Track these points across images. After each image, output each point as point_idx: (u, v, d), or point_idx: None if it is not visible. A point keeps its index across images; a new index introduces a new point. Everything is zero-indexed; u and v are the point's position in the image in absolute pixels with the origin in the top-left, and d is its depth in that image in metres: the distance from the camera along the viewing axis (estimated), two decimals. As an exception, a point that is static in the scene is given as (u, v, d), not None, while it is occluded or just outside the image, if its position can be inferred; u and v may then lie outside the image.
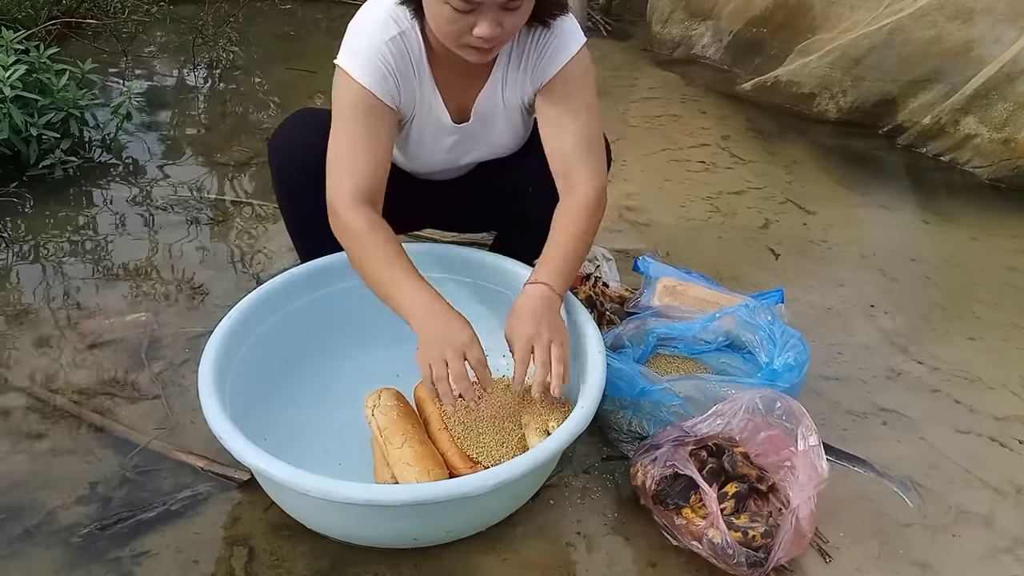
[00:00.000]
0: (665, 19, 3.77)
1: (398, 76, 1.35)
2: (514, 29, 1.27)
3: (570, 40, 1.39)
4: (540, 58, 1.40)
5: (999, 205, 2.62)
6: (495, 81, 1.44)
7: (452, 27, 1.23)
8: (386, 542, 1.27)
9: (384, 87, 1.34)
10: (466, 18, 1.21)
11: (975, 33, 2.78)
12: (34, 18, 3.01)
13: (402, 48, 1.34)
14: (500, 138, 1.52)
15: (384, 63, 1.33)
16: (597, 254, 2.06)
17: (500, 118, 1.48)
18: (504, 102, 1.46)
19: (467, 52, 1.28)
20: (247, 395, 1.35)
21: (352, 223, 1.32)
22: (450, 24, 1.23)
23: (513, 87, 1.45)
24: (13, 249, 2.01)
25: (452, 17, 1.21)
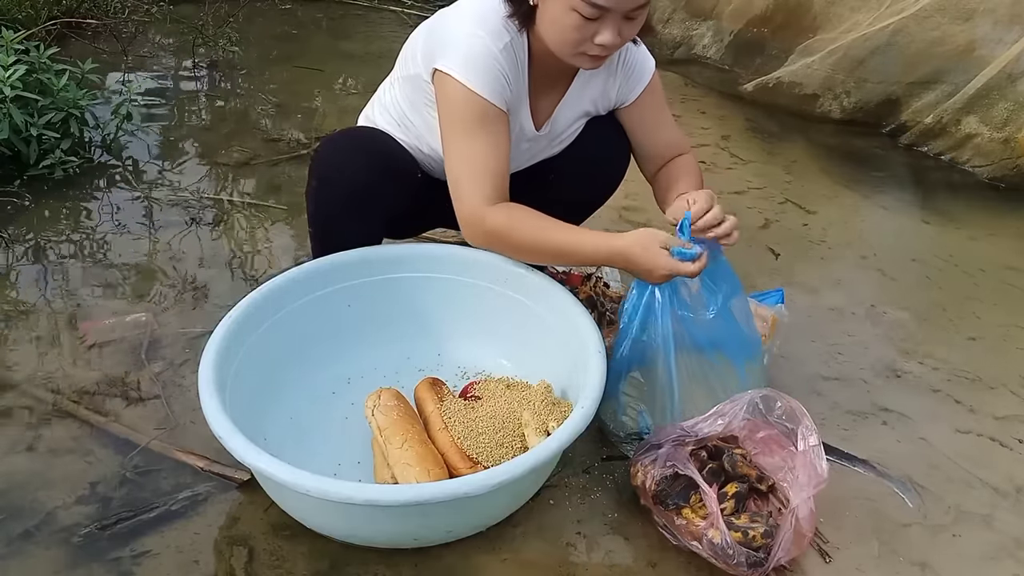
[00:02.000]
0: (666, 19, 3.77)
1: (511, 82, 1.38)
2: (630, 38, 1.33)
3: (648, 60, 1.56)
4: (630, 73, 1.52)
5: (999, 205, 2.62)
6: (577, 89, 1.50)
7: (576, 35, 1.27)
8: (386, 542, 1.27)
9: (502, 95, 1.37)
10: (591, 25, 1.26)
11: (977, 33, 2.79)
12: (34, 18, 3.01)
13: (512, 56, 1.37)
14: (555, 148, 1.60)
15: (501, 71, 1.35)
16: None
17: (569, 126, 1.56)
18: (576, 114, 1.54)
19: (581, 60, 1.33)
20: (247, 395, 1.35)
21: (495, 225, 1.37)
22: (575, 32, 1.27)
23: (593, 94, 1.52)
24: (13, 249, 2.01)
25: (579, 25, 1.26)
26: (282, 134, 2.69)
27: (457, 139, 1.37)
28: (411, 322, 1.60)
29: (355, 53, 3.46)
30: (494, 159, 1.37)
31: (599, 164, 1.62)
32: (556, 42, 1.31)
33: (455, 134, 1.37)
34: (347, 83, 3.20)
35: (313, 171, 1.53)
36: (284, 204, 2.28)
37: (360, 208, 1.48)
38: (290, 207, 2.25)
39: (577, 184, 1.63)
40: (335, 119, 2.80)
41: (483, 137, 1.36)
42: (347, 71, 3.27)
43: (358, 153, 1.48)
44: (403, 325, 1.60)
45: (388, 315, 1.51)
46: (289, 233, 2.15)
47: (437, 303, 1.60)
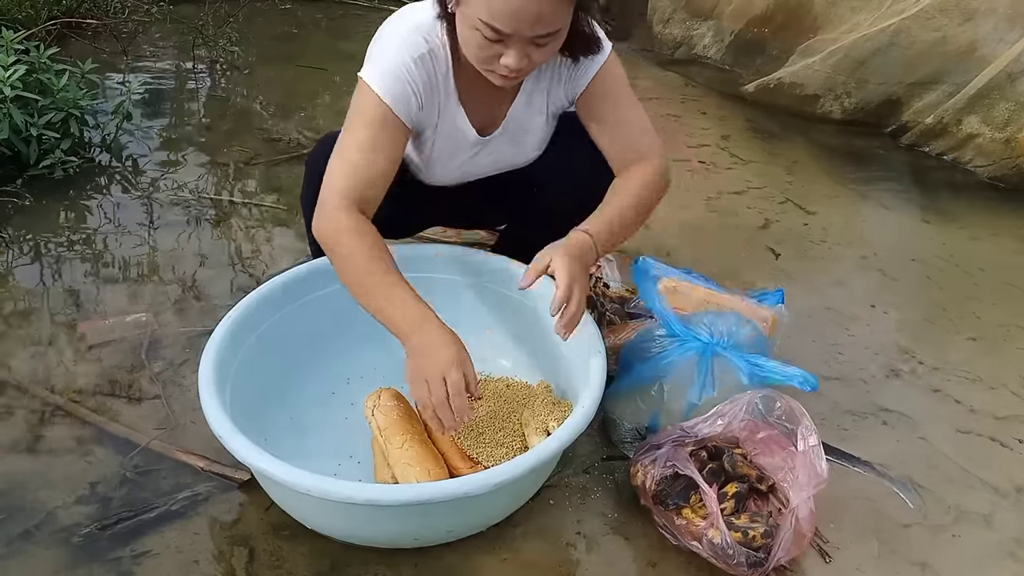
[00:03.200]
0: (666, 19, 3.77)
1: (422, 94, 1.34)
2: (541, 62, 1.27)
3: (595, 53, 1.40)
4: (573, 69, 1.41)
5: (1000, 205, 2.62)
6: (526, 91, 1.44)
7: (481, 52, 1.24)
8: (387, 542, 1.27)
9: (405, 105, 1.33)
10: (495, 47, 1.21)
11: (978, 33, 2.78)
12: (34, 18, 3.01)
13: (429, 67, 1.34)
14: (527, 149, 1.53)
15: (410, 81, 1.32)
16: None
17: (533, 128, 1.49)
18: (533, 116, 1.47)
19: (493, 77, 1.29)
20: (247, 395, 1.35)
21: (338, 222, 1.28)
22: (480, 50, 1.23)
23: (543, 97, 1.45)
24: (13, 249, 2.01)
25: (482, 44, 1.22)
26: (282, 134, 2.69)
27: (347, 131, 1.34)
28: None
29: (355, 53, 3.44)
30: (372, 163, 1.31)
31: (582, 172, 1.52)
32: (468, 56, 1.28)
33: (348, 127, 1.34)
34: (347, 83, 3.20)
35: (306, 177, 1.53)
36: (284, 204, 2.28)
37: None
38: (290, 207, 2.25)
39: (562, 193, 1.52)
40: (335, 119, 2.80)
41: (371, 138, 1.31)
42: (347, 71, 3.27)
43: None
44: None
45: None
46: (289, 233, 2.15)
47: (437, 303, 1.58)
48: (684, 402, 1.41)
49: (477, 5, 1.17)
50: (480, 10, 1.17)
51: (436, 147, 1.47)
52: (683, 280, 1.74)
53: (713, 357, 1.41)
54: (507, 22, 1.16)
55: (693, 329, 1.44)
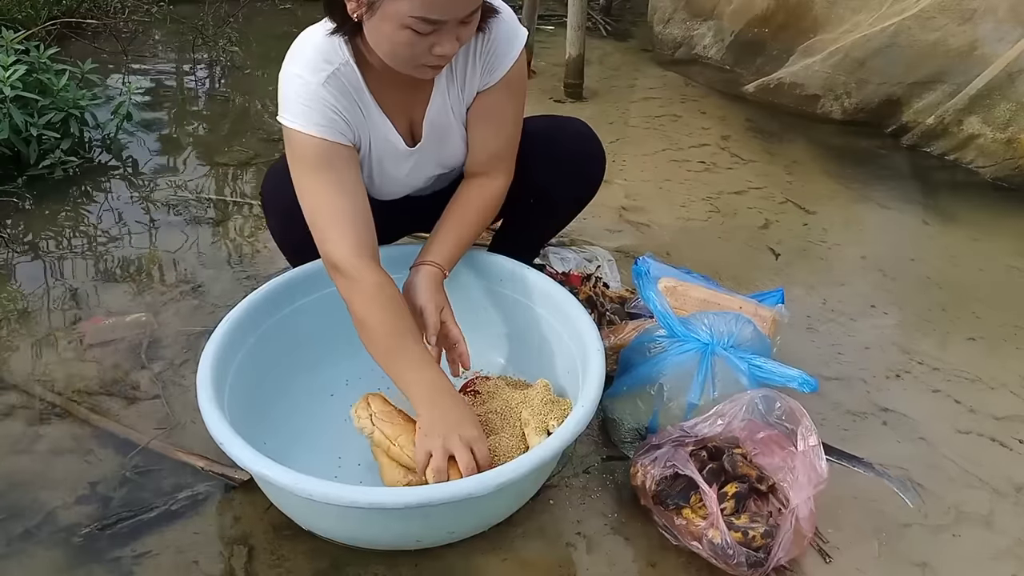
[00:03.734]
0: (666, 19, 3.77)
1: (344, 114, 1.31)
2: (467, 40, 1.25)
3: (513, 39, 1.38)
4: (488, 59, 1.37)
5: (1000, 205, 2.62)
6: (441, 91, 1.39)
7: (410, 50, 1.20)
8: (389, 544, 1.26)
9: (335, 129, 1.30)
10: (426, 39, 1.18)
11: (978, 33, 2.79)
12: (34, 18, 3.01)
13: (340, 84, 1.30)
14: (454, 150, 1.48)
15: (327, 105, 1.28)
16: (597, 255, 2.06)
17: (453, 129, 1.44)
18: (453, 112, 1.42)
19: (421, 71, 1.25)
20: (246, 397, 1.35)
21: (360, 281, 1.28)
22: (409, 48, 1.19)
23: (459, 94, 1.41)
24: (13, 249, 2.01)
25: (412, 41, 1.18)
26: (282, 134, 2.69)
27: (305, 182, 1.31)
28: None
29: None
30: (349, 202, 1.30)
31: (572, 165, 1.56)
32: (391, 58, 1.23)
33: (301, 178, 1.32)
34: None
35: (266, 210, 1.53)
36: (284, 204, 2.27)
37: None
38: (290, 207, 2.25)
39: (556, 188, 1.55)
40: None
41: (330, 175, 1.29)
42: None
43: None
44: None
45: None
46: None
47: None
48: (684, 402, 1.41)
49: (407, 6, 1.14)
50: (412, 7, 1.14)
51: (374, 164, 1.43)
52: (683, 280, 1.74)
53: (713, 357, 1.41)
54: (443, 10, 1.15)
55: (693, 329, 1.44)
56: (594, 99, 3.26)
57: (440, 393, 1.25)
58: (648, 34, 3.89)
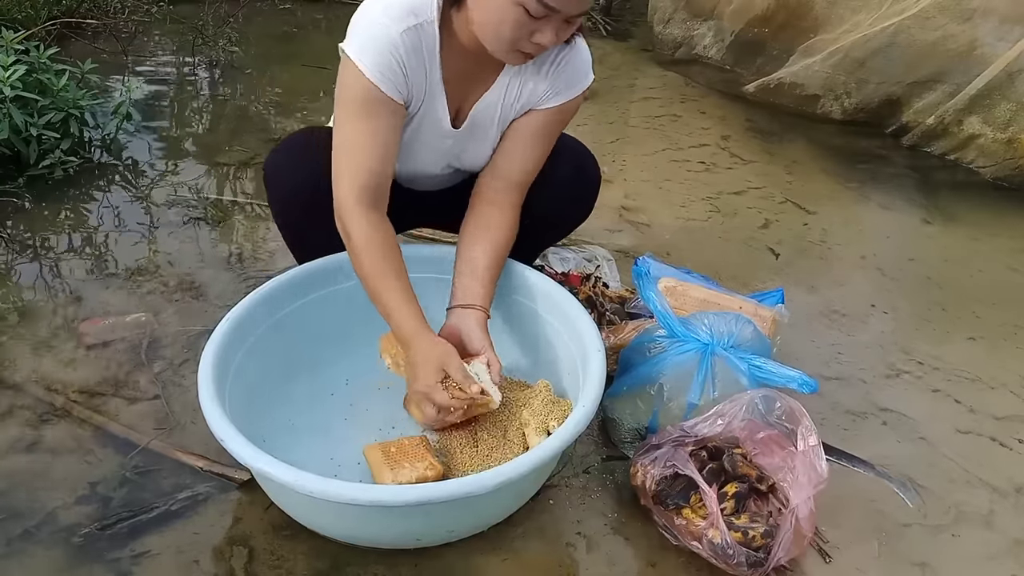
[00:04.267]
0: (666, 19, 3.77)
1: (407, 70, 1.29)
2: (563, 40, 1.27)
3: (583, 75, 1.42)
4: (558, 80, 1.39)
5: (1000, 205, 2.62)
6: (501, 86, 1.39)
7: (514, 31, 1.21)
8: (389, 543, 1.26)
9: (392, 82, 1.28)
10: (532, 24, 1.20)
11: (978, 33, 2.79)
12: (34, 18, 3.01)
13: (416, 41, 1.28)
14: (481, 152, 1.48)
15: (395, 55, 1.27)
16: (597, 254, 2.06)
17: (492, 131, 1.45)
18: (502, 110, 1.42)
19: (513, 56, 1.27)
20: (246, 396, 1.35)
21: (352, 228, 1.32)
22: (515, 28, 1.20)
23: (516, 95, 1.41)
24: (13, 249, 2.01)
25: (521, 21, 1.19)
26: (282, 134, 2.69)
27: (343, 119, 1.32)
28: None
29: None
30: (372, 152, 1.31)
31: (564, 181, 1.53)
32: (490, 34, 1.24)
33: (342, 114, 1.32)
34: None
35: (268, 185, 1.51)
36: (284, 204, 2.27)
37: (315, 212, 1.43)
38: (290, 207, 2.24)
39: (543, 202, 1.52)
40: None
41: (368, 123, 1.30)
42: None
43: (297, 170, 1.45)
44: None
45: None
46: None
47: (436, 304, 1.59)
48: (684, 402, 1.41)
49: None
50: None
51: (411, 132, 1.42)
52: (683, 280, 1.74)
53: (713, 357, 1.41)
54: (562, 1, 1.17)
55: (693, 329, 1.44)
56: (594, 99, 3.26)
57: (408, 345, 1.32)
58: (648, 34, 3.89)
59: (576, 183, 1.56)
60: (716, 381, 1.40)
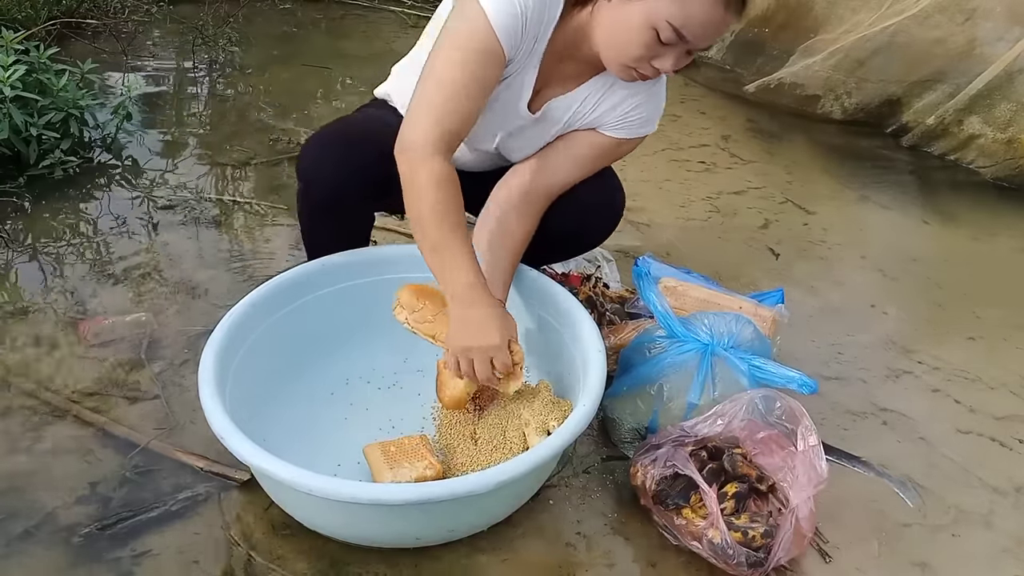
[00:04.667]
0: (666, 19, 3.77)
1: (526, 29, 1.24)
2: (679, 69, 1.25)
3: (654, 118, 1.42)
4: (635, 110, 1.39)
5: (1000, 205, 2.62)
6: (584, 91, 1.38)
7: (640, 51, 1.20)
8: (389, 542, 1.27)
9: (512, 37, 1.23)
10: (660, 48, 1.19)
11: (977, 33, 2.79)
12: (34, 18, 3.01)
13: (542, 9, 1.24)
14: (535, 144, 1.46)
15: (524, 19, 1.22)
16: (597, 255, 2.06)
17: (557, 126, 1.42)
18: (573, 115, 1.40)
19: (625, 72, 1.26)
20: (247, 395, 1.35)
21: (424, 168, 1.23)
22: (642, 48, 1.20)
23: (592, 106, 1.39)
24: (13, 249, 2.01)
25: (650, 44, 1.19)
26: (282, 134, 2.69)
27: (447, 53, 1.24)
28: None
29: (355, 53, 3.46)
30: (464, 101, 1.24)
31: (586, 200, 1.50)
32: (613, 47, 1.23)
33: (448, 48, 1.24)
34: (347, 83, 3.20)
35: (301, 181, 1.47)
36: (284, 204, 2.27)
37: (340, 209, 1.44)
38: (290, 207, 2.25)
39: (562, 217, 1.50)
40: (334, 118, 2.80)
41: (470, 72, 1.23)
42: (347, 71, 3.27)
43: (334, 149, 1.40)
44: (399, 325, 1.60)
45: (386, 316, 1.51)
46: (289, 233, 2.15)
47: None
48: (684, 402, 1.41)
49: (668, 7, 1.15)
50: (672, 13, 1.15)
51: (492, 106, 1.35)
52: (683, 280, 1.74)
53: (713, 358, 1.41)
54: (696, 31, 1.17)
55: (693, 330, 1.44)
56: (594, 99, 3.26)
57: (472, 300, 1.25)
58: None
59: (602, 215, 1.54)
60: (716, 381, 1.40)
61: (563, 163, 1.44)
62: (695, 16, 1.16)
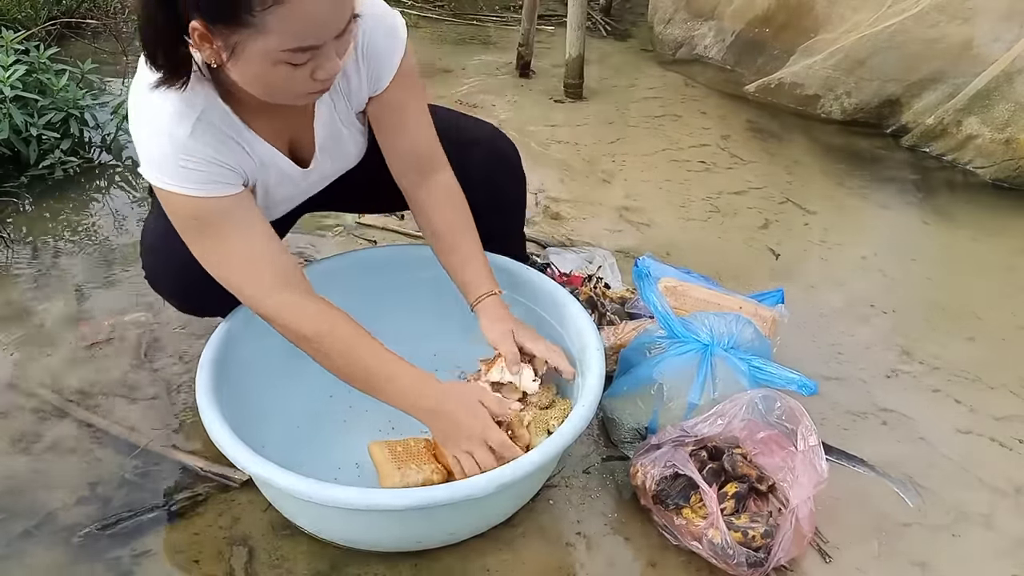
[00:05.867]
0: (667, 19, 3.77)
1: (224, 160, 1.16)
2: (349, 52, 1.14)
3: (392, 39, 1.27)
4: (373, 57, 1.25)
5: (1000, 205, 2.62)
6: (326, 105, 1.28)
7: (290, 84, 1.07)
8: (390, 546, 1.26)
9: (219, 181, 1.15)
10: (306, 67, 1.05)
11: (976, 33, 2.78)
12: (34, 18, 3.01)
13: (211, 128, 1.14)
14: (348, 155, 1.40)
15: (204, 158, 1.13)
16: (598, 255, 2.06)
17: (345, 136, 1.35)
18: (342, 121, 1.32)
19: (304, 99, 1.15)
20: (245, 398, 1.35)
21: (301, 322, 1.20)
22: (287, 82, 1.06)
23: (346, 105, 1.31)
24: (13, 249, 2.01)
25: (289, 74, 1.05)
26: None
27: (200, 244, 1.18)
28: (408, 323, 1.60)
29: (355, 53, 3.46)
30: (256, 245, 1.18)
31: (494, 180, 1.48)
32: (267, 96, 1.10)
33: (195, 240, 1.18)
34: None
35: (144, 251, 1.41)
36: (284, 204, 2.27)
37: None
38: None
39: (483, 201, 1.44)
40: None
41: (223, 230, 1.16)
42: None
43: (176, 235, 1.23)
44: (400, 326, 1.60)
45: (385, 317, 1.51)
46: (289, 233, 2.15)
47: (435, 304, 1.59)
48: (684, 402, 1.41)
49: (274, 40, 1.00)
50: (282, 41, 1.00)
51: (269, 191, 1.31)
52: (683, 280, 1.74)
53: (713, 358, 1.41)
54: (317, 33, 1.02)
55: (693, 330, 1.44)
56: (594, 99, 3.26)
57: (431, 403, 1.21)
58: (648, 34, 3.88)
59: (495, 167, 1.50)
60: (716, 381, 1.40)
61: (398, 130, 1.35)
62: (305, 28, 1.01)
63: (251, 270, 1.19)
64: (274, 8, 0.97)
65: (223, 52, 1.03)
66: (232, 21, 0.98)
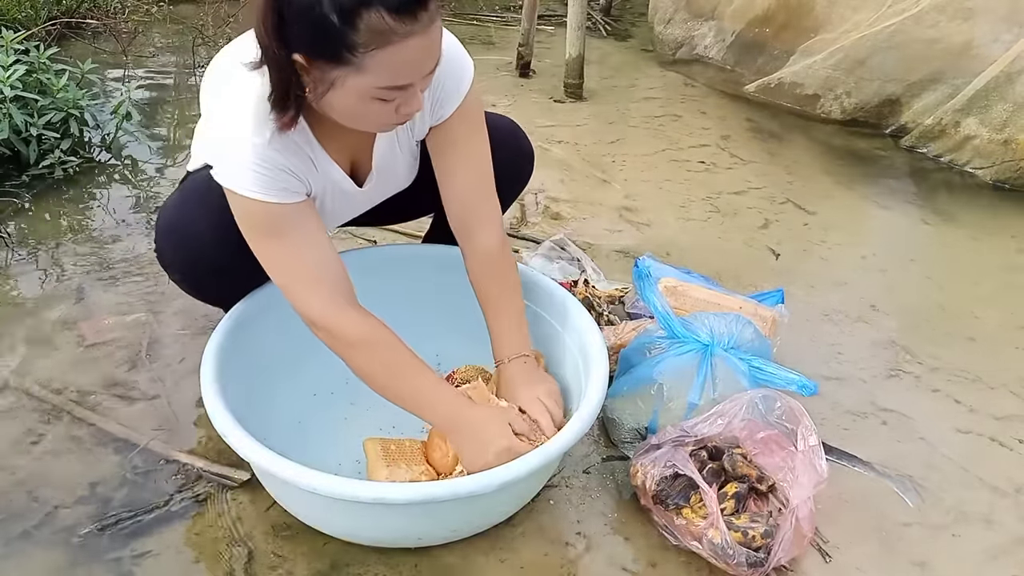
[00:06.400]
0: (667, 19, 3.78)
1: (295, 171, 1.21)
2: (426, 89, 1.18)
3: (462, 66, 1.32)
4: (436, 92, 1.30)
5: (999, 205, 2.62)
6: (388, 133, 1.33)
7: (377, 117, 1.15)
8: (391, 541, 1.27)
9: (289, 189, 1.20)
10: (394, 103, 1.12)
11: (975, 33, 2.79)
12: (34, 18, 3.02)
13: (287, 140, 1.19)
14: (398, 181, 1.46)
15: (278, 167, 1.18)
16: (577, 255, 2.04)
17: (399, 163, 1.41)
18: (400, 147, 1.38)
19: (387, 128, 1.23)
20: (247, 394, 1.34)
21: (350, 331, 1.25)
22: (379, 116, 1.14)
23: (408, 133, 1.37)
24: (13, 249, 2.01)
25: (380, 109, 1.12)
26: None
27: (264, 248, 1.23)
28: (410, 323, 1.60)
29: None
30: (314, 255, 1.23)
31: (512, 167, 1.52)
32: (353, 123, 1.18)
33: (259, 243, 1.23)
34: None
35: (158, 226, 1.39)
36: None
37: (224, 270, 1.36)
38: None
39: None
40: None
41: (288, 238, 1.21)
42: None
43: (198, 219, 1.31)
44: (402, 326, 1.60)
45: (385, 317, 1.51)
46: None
47: (436, 304, 1.60)
48: (684, 402, 1.41)
49: (371, 78, 1.06)
50: (378, 79, 1.07)
51: (324, 207, 1.36)
52: (683, 280, 1.74)
53: (713, 358, 1.41)
54: (412, 74, 1.09)
55: (693, 330, 1.44)
56: (594, 99, 3.26)
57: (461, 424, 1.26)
58: (648, 34, 3.89)
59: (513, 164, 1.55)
60: (716, 381, 1.40)
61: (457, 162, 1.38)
62: (400, 69, 1.08)
63: (309, 276, 1.24)
64: (375, 52, 1.04)
65: (320, 85, 1.09)
66: (334, 59, 1.05)
